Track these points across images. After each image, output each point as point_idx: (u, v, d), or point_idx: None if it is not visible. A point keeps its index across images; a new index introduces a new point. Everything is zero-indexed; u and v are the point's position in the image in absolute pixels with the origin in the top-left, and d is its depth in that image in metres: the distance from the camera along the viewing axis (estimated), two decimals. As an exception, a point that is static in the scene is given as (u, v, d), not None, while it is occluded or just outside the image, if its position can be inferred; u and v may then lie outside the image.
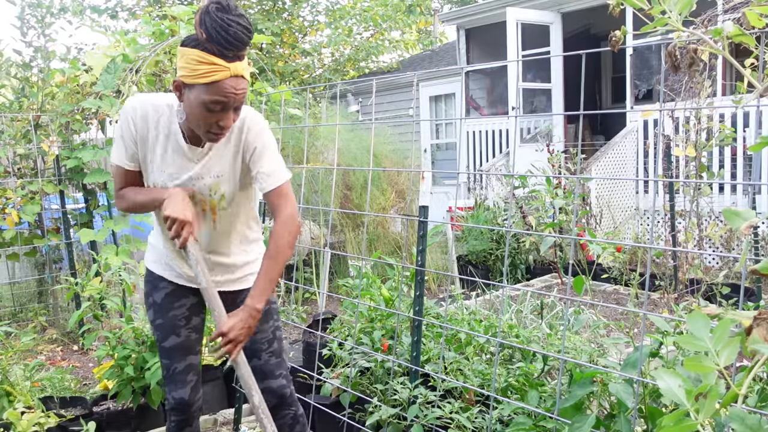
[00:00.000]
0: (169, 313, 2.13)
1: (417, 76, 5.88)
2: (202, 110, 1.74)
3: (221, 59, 1.69)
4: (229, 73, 1.70)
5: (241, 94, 1.75)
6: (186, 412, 2.19)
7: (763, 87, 1.26)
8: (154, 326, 2.15)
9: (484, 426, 2.34)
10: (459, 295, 3.79)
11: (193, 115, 1.77)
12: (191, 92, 1.74)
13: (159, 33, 4.47)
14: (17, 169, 4.87)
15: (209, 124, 1.77)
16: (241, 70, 1.72)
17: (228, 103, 1.73)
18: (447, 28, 16.49)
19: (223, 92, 1.71)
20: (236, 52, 1.70)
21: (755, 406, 1.68)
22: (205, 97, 1.72)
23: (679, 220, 5.26)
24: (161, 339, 2.14)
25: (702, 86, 4.77)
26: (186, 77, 1.72)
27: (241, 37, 1.67)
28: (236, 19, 1.66)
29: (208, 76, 1.69)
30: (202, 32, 1.66)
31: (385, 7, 13.66)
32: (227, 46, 1.67)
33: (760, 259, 1.17)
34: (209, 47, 1.68)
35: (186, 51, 1.72)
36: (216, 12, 1.65)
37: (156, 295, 2.14)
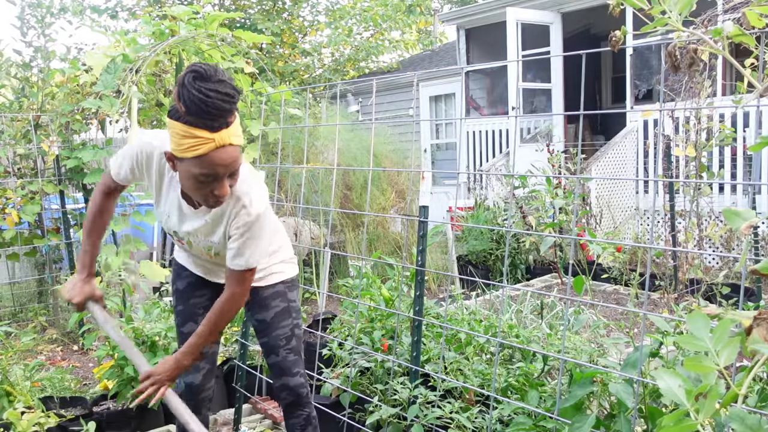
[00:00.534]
0: (190, 300, 2.22)
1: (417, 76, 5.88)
2: (193, 182, 1.69)
3: (206, 131, 1.60)
4: (215, 145, 1.62)
5: (232, 162, 1.67)
6: (195, 398, 2.24)
7: (763, 87, 1.26)
8: (176, 312, 2.24)
9: (484, 426, 2.35)
10: (459, 295, 3.79)
11: (186, 186, 1.74)
12: (181, 165, 1.69)
13: (159, 33, 4.47)
14: (17, 169, 4.87)
15: (204, 194, 1.73)
16: (228, 139, 1.64)
17: (218, 174, 1.67)
18: (447, 28, 16.49)
19: (211, 164, 1.64)
20: (221, 122, 1.62)
21: (755, 406, 1.68)
22: (194, 170, 1.66)
23: (679, 220, 5.26)
24: (180, 324, 2.23)
25: (702, 86, 4.77)
26: (174, 150, 1.67)
27: (221, 106, 1.59)
28: (215, 87, 1.57)
29: (193, 150, 1.62)
30: (181, 106, 1.59)
31: (385, 7, 13.66)
32: (209, 118, 1.59)
33: (760, 259, 1.17)
34: (190, 120, 1.59)
35: (170, 123, 1.64)
36: (193, 83, 1.56)
37: (179, 283, 2.25)
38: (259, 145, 3.87)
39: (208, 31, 4.43)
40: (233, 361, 3.41)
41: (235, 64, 4.60)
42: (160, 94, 4.92)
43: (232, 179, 1.74)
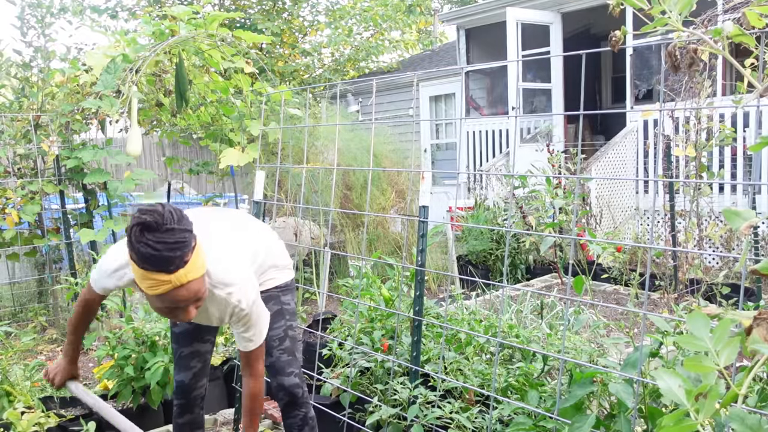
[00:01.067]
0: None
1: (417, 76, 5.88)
2: (161, 311, 1.74)
3: (161, 274, 1.61)
4: (172, 286, 1.63)
5: (194, 295, 1.69)
6: (186, 396, 2.28)
7: (763, 87, 1.26)
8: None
9: (484, 426, 2.34)
10: (459, 295, 3.79)
11: (155, 311, 1.78)
12: (147, 297, 1.72)
13: (159, 33, 4.47)
14: (17, 169, 4.87)
15: (173, 317, 1.77)
16: (185, 278, 1.64)
17: (180, 306, 1.70)
18: (447, 28, 16.49)
19: (172, 300, 1.67)
20: (173, 267, 1.61)
21: (755, 406, 1.68)
22: (157, 303, 1.70)
23: (679, 220, 5.26)
24: (172, 324, 2.28)
25: (702, 86, 4.77)
26: (137, 282, 1.70)
27: (170, 257, 1.58)
28: (163, 237, 1.56)
29: (153, 289, 1.64)
30: (133, 255, 1.61)
31: (385, 7, 13.66)
32: (157, 266, 1.59)
33: (760, 259, 1.17)
34: (145, 266, 1.60)
35: (132, 265, 1.66)
36: (140, 236, 1.57)
37: None
38: (259, 145, 3.87)
39: (208, 31, 4.43)
40: (233, 361, 3.42)
41: (235, 64, 4.61)
42: (160, 94, 4.93)
43: (197, 304, 1.75)
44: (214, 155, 5.24)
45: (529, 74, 9.42)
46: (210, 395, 3.38)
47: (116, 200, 4.58)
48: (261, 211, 3.09)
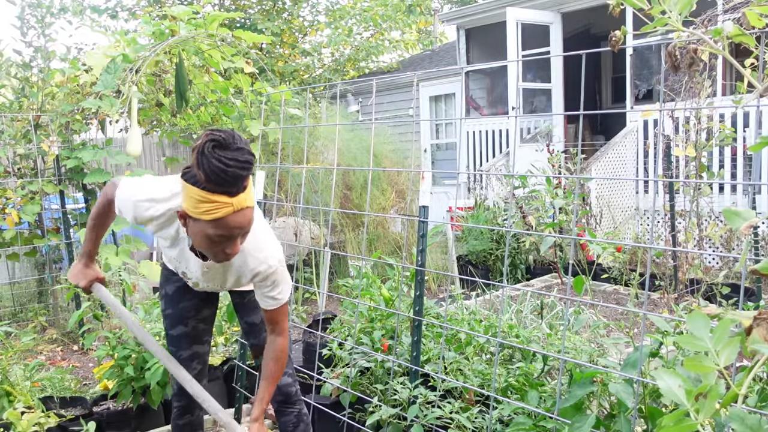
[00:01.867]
0: (180, 304, 2.23)
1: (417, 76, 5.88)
2: (206, 242, 1.71)
3: (223, 196, 1.62)
4: (233, 209, 1.64)
5: (247, 224, 1.70)
6: (187, 398, 2.27)
7: (763, 87, 1.26)
8: (164, 315, 2.26)
9: (484, 426, 2.34)
10: (459, 295, 3.79)
11: (197, 243, 1.74)
12: (195, 224, 1.69)
13: (159, 33, 4.47)
14: (17, 169, 4.87)
15: (215, 253, 1.75)
16: (244, 203, 1.66)
17: (233, 235, 1.70)
18: (447, 28, 16.49)
19: (227, 227, 1.66)
20: (238, 188, 1.63)
21: (755, 406, 1.68)
22: (209, 231, 1.67)
23: (679, 220, 5.26)
24: (169, 327, 2.25)
25: (702, 86, 4.77)
26: (189, 211, 1.68)
27: (239, 174, 1.61)
28: (234, 155, 1.59)
29: (211, 214, 1.63)
30: (201, 173, 1.60)
31: (385, 7, 13.66)
32: (226, 186, 1.61)
33: (760, 259, 1.17)
34: (210, 187, 1.61)
35: (188, 187, 1.66)
36: (212, 151, 1.58)
37: (168, 287, 2.25)
38: (259, 145, 3.87)
39: (208, 31, 4.43)
40: (233, 361, 3.42)
41: (235, 64, 4.61)
42: (160, 94, 4.93)
43: (244, 238, 1.77)
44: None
45: (529, 74, 9.42)
46: (210, 395, 3.38)
47: (116, 200, 4.57)
48: (261, 211, 3.09)
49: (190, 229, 1.72)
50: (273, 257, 1.93)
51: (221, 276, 2.02)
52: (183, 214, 1.71)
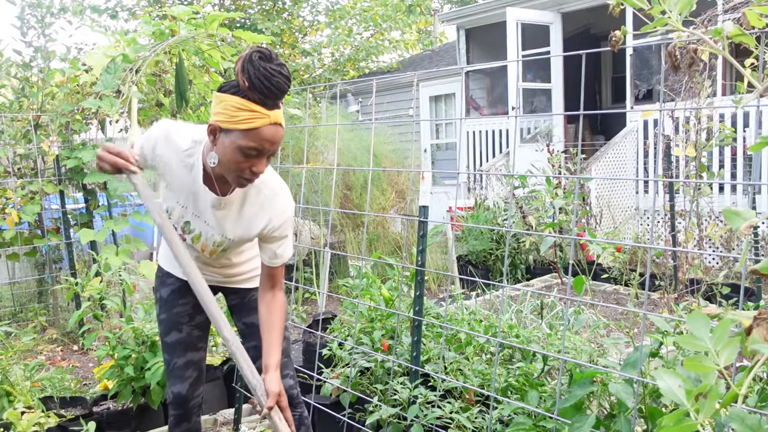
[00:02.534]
0: (174, 309, 2.17)
1: (417, 76, 5.89)
2: (237, 155, 1.72)
3: (261, 107, 1.68)
4: (269, 121, 1.69)
5: (278, 142, 1.75)
6: (183, 407, 2.22)
7: (763, 87, 1.26)
8: (159, 321, 2.20)
9: (484, 426, 2.35)
10: (459, 295, 3.79)
11: (226, 159, 1.75)
12: (227, 137, 1.72)
13: (159, 33, 4.47)
14: (17, 169, 4.87)
15: (242, 169, 1.76)
16: (280, 119, 1.73)
17: (264, 150, 1.73)
18: (447, 28, 16.49)
19: (260, 139, 1.70)
20: (276, 101, 1.70)
21: (755, 406, 1.68)
22: (242, 142, 1.70)
23: (679, 220, 5.26)
24: (163, 334, 2.19)
25: (702, 86, 4.77)
26: (223, 122, 1.71)
27: (282, 86, 1.67)
28: (278, 68, 1.66)
29: (247, 123, 1.68)
30: (244, 80, 1.65)
31: (385, 7, 13.66)
32: (269, 95, 1.66)
33: (760, 259, 1.17)
34: (250, 95, 1.66)
35: (225, 97, 1.70)
36: (259, 61, 1.64)
37: (163, 291, 2.20)
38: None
39: (208, 31, 4.43)
40: (233, 361, 3.42)
41: (234, 64, 4.61)
42: (160, 94, 4.93)
43: (269, 160, 1.80)
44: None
45: (529, 74, 9.42)
46: (210, 395, 3.39)
47: (116, 200, 4.58)
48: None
49: (220, 143, 1.74)
50: (288, 207, 1.95)
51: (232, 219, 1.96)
52: (213, 128, 1.74)
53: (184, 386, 2.20)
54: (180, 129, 1.93)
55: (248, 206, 1.94)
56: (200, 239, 2.02)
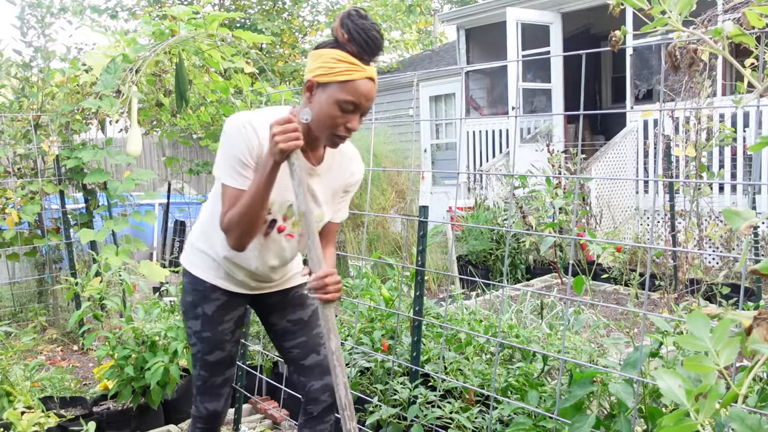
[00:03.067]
0: (219, 327, 2.04)
1: (417, 76, 5.89)
2: (333, 109, 1.73)
3: (359, 61, 1.72)
4: (366, 75, 1.73)
5: (372, 98, 1.77)
6: (214, 422, 2.16)
7: (763, 87, 1.26)
8: (200, 337, 2.04)
9: (484, 426, 2.35)
10: (459, 295, 3.79)
11: (322, 114, 1.75)
12: (324, 91, 1.73)
13: (159, 33, 4.47)
14: (17, 169, 4.87)
15: (337, 125, 1.75)
16: (374, 75, 1.76)
17: (360, 104, 1.74)
18: (447, 28, 16.49)
19: (357, 92, 1.72)
20: (372, 57, 1.74)
21: (755, 406, 1.68)
22: (339, 95, 1.71)
23: (679, 220, 5.26)
24: (205, 352, 2.04)
25: (702, 86, 4.77)
26: (321, 76, 1.73)
27: (378, 42, 1.72)
28: (374, 26, 1.72)
29: (345, 74, 1.71)
30: (344, 33, 1.70)
31: (385, 7, 13.67)
32: (366, 49, 1.71)
33: (760, 259, 1.17)
34: (349, 48, 1.71)
35: (323, 51, 1.74)
36: (357, 17, 1.71)
37: (207, 307, 2.02)
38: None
39: (208, 31, 4.43)
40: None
41: (235, 64, 4.61)
42: (160, 94, 4.93)
43: (362, 119, 1.80)
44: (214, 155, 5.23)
45: (529, 74, 9.43)
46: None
47: (116, 200, 4.58)
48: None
49: (316, 100, 1.75)
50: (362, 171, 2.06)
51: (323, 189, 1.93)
52: (310, 84, 1.75)
53: (219, 403, 2.12)
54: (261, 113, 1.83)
55: (338, 169, 1.97)
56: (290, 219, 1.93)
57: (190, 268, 2.05)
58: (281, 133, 1.68)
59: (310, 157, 1.89)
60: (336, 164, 1.97)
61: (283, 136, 1.68)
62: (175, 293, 3.78)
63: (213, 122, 5.26)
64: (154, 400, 3.06)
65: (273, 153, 1.70)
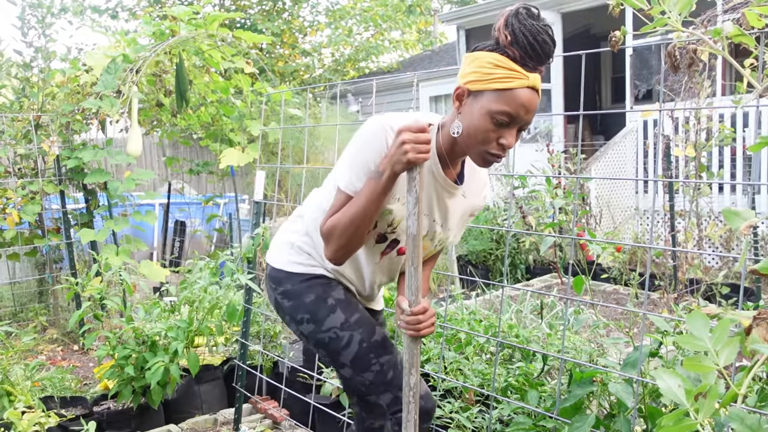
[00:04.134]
0: (359, 306, 1.83)
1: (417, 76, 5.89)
2: (486, 122, 1.51)
3: (521, 67, 1.49)
4: (528, 83, 1.49)
5: (533, 110, 1.52)
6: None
7: (762, 87, 1.26)
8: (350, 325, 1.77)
9: (484, 426, 2.35)
10: (459, 295, 3.79)
11: (473, 127, 1.53)
12: (477, 101, 1.52)
13: (159, 33, 4.47)
14: (18, 169, 4.87)
15: (489, 140, 1.53)
16: (538, 85, 1.51)
17: (517, 117, 1.51)
18: (447, 28, 16.49)
19: (515, 103, 1.49)
20: (538, 64, 1.51)
21: (755, 406, 1.68)
22: (494, 106, 1.49)
23: (678, 220, 5.26)
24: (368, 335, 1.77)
25: (701, 86, 4.77)
26: (475, 83, 1.51)
27: (547, 48, 1.49)
28: (545, 28, 1.49)
29: (503, 82, 1.48)
30: (507, 35, 1.48)
31: (385, 7, 13.67)
32: (532, 54, 1.48)
33: (760, 259, 1.17)
34: (510, 51, 1.49)
35: (479, 55, 1.52)
36: (526, 17, 1.48)
37: (335, 294, 1.79)
38: (259, 145, 3.88)
39: (208, 31, 4.44)
40: (233, 361, 3.42)
41: (235, 65, 4.61)
42: (161, 94, 4.93)
43: (520, 134, 1.58)
44: (214, 155, 5.24)
45: (529, 74, 9.41)
46: (210, 395, 3.39)
47: (116, 200, 4.58)
48: (261, 211, 3.10)
49: (466, 110, 1.54)
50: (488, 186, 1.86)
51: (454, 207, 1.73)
52: (461, 92, 1.55)
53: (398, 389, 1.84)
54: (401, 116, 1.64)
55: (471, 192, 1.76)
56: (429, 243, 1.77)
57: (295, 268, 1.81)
58: (412, 142, 1.49)
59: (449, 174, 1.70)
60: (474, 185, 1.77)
61: (413, 146, 1.48)
62: (175, 293, 3.78)
63: (213, 122, 5.26)
64: (155, 400, 3.07)
65: (395, 161, 1.50)
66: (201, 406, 3.35)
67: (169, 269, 4.58)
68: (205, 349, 3.56)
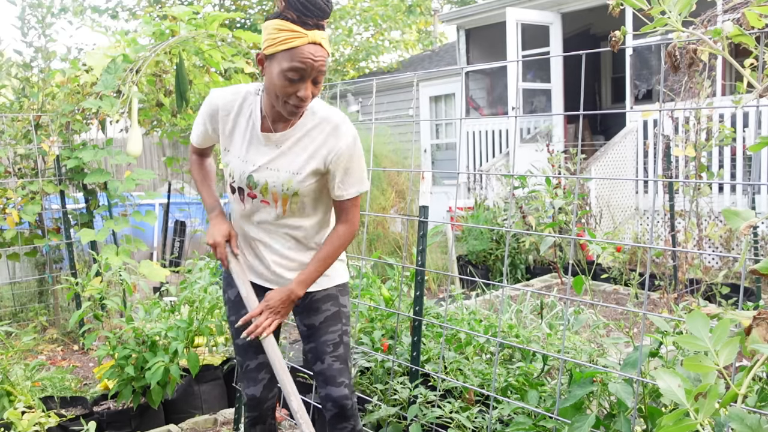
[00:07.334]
0: (242, 311, 2.06)
1: (417, 76, 5.91)
2: (281, 80, 1.74)
3: (300, 27, 1.71)
4: (308, 40, 1.71)
5: (320, 63, 1.75)
6: (258, 409, 2.15)
7: (762, 87, 1.26)
8: (229, 322, 2.15)
9: (484, 426, 2.35)
10: (459, 295, 3.79)
11: (272, 86, 1.78)
12: (272, 63, 1.76)
13: (159, 33, 4.47)
14: (18, 169, 4.87)
15: (288, 95, 1.77)
16: (319, 38, 1.74)
17: (306, 70, 1.73)
18: (447, 28, 16.48)
19: (301, 58, 1.72)
20: (315, 20, 1.72)
21: (755, 406, 1.68)
22: (284, 64, 1.72)
23: (678, 220, 5.26)
24: (234, 336, 2.12)
25: (702, 86, 4.77)
26: (267, 48, 1.75)
27: (319, 5, 1.70)
28: None
29: (286, 43, 1.71)
30: (282, 1, 1.71)
31: (385, 7, 13.67)
32: (306, 12, 1.70)
33: (760, 259, 1.17)
34: (288, 15, 1.71)
35: (267, 24, 1.75)
36: None
37: (230, 292, 2.12)
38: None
39: (208, 31, 4.44)
40: (233, 361, 3.42)
41: (235, 64, 4.61)
42: (161, 94, 4.93)
43: (315, 87, 1.80)
44: (214, 155, 5.23)
45: (529, 74, 9.42)
46: (210, 395, 3.39)
47: (117, 200, 4.58)
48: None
49: (267, 73, 1.78)
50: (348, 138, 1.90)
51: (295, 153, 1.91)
52: (260, 58, 1.79)
53: (257, 389, 2.11)
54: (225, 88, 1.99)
55: (310, 141, 1.91)
56: (268, 188, 1.94)
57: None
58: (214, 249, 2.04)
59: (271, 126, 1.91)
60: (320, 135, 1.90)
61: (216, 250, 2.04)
62: (175, 293, 3.78)
63: (213, 122, 5.25)
64: (155, 399, 3.07)
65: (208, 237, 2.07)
66: (201, 406, 3.35)
67: (169, 269, 4.57)
68: (205, 349, 3.56)
